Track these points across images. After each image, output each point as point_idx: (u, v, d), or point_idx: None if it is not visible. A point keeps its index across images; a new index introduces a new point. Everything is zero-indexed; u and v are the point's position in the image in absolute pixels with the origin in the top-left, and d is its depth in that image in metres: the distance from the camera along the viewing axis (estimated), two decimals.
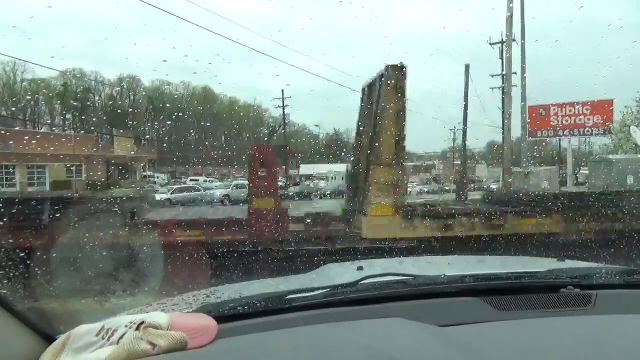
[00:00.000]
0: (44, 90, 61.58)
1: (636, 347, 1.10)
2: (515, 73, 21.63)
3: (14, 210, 8.17)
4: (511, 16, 19.90)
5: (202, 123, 68.86)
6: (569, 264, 2.00)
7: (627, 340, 1.14)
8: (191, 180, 45.25)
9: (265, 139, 69.51)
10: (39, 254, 7.72)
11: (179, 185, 34.57)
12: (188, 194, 30.46)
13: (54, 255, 7.64)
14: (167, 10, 22.21)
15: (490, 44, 26.15)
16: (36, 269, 7.19)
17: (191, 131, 67.20)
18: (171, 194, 30.38)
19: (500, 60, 26.54)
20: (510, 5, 19.60)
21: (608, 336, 1.18)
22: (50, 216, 8.14)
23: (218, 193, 32.19)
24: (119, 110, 66.73)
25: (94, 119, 61.58)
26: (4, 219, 7.70)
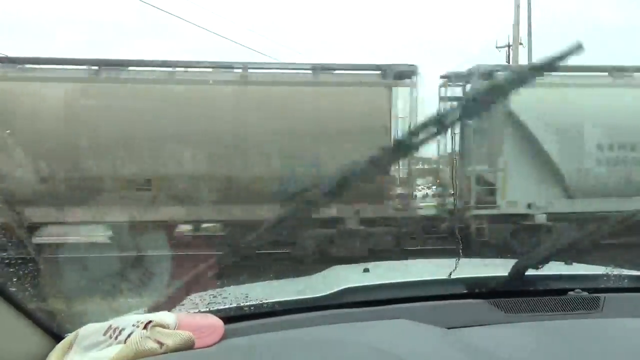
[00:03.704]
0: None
1: None
2: None
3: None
4: (518, 19, 19.77)
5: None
6: (577, 267, 1.98)
7: (636, 344, 1.13)
8: None
9: None
10: (48, 253, 7.78)
11: None
12: None
13: (63, 255, 7.70)
14: (168, 11, 22.09)
15: (497, 47, 25.87)
16: (45, 269, 7.23)
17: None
18: None
19: (507, 63, 26.28)
20: (518, 9, 19.48)
21: (616, 340, 1.17)
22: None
23: None
24: None
25: None
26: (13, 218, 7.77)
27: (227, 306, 1.41)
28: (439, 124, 1.10)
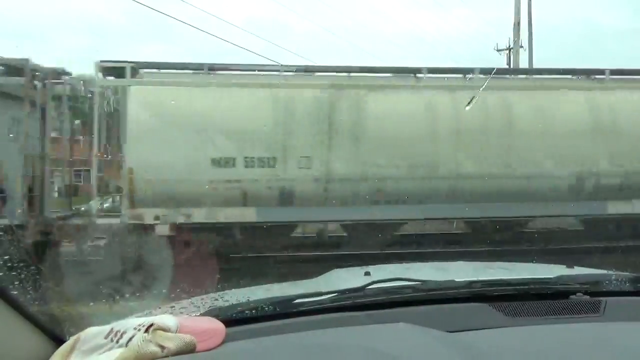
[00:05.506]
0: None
1: None
2: None
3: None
4: (519, 22, 19.75)
5: None
6: (578, 270, 1.98)
7: (637, 349, 1.13)
8: None
9: None
10: (49, 256, 7.79)
11: None
12: None
13: (65, 258, 7.71)
14: (168, 14, 22.13)
15: (497, 50, 25.81)
16: (47, 272, 7.24)
17: None
18: None
19: (508, 66, 26.20)
20: (518, 14, 19.46)
21: (618, 344, 1.16)
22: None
23: None
24: None
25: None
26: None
27: (228, 309, 1.42)
28: None
